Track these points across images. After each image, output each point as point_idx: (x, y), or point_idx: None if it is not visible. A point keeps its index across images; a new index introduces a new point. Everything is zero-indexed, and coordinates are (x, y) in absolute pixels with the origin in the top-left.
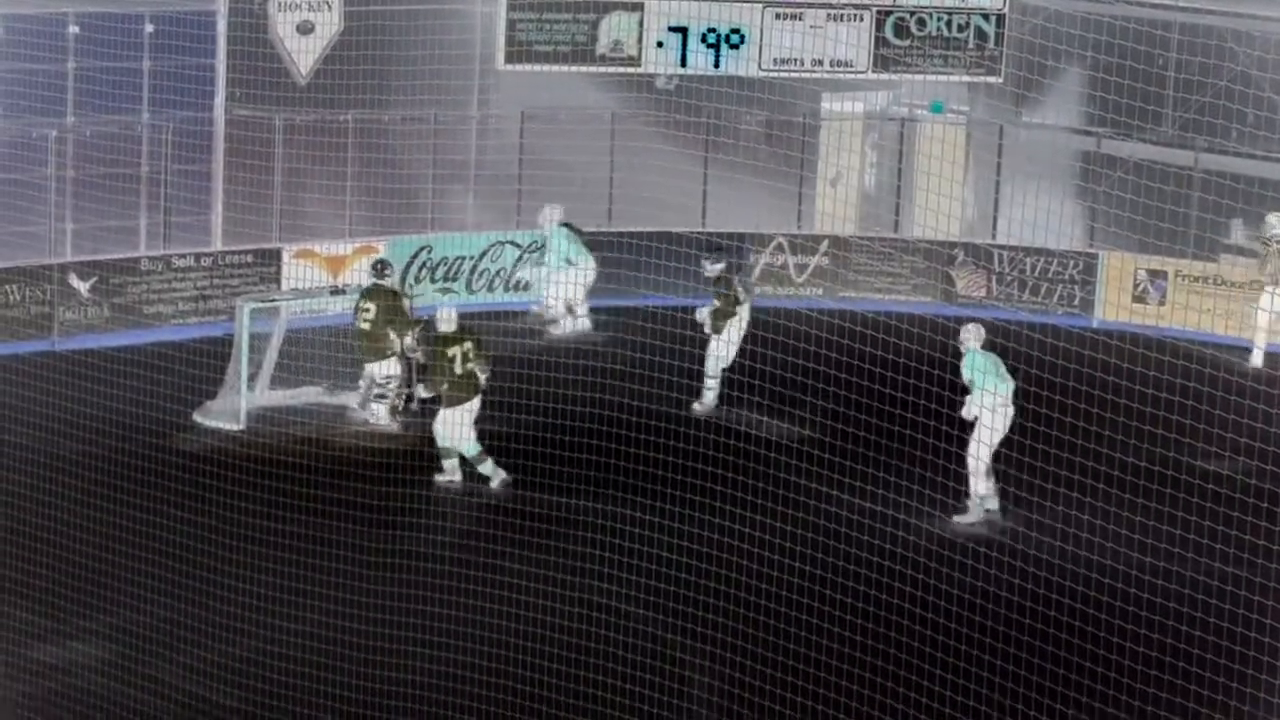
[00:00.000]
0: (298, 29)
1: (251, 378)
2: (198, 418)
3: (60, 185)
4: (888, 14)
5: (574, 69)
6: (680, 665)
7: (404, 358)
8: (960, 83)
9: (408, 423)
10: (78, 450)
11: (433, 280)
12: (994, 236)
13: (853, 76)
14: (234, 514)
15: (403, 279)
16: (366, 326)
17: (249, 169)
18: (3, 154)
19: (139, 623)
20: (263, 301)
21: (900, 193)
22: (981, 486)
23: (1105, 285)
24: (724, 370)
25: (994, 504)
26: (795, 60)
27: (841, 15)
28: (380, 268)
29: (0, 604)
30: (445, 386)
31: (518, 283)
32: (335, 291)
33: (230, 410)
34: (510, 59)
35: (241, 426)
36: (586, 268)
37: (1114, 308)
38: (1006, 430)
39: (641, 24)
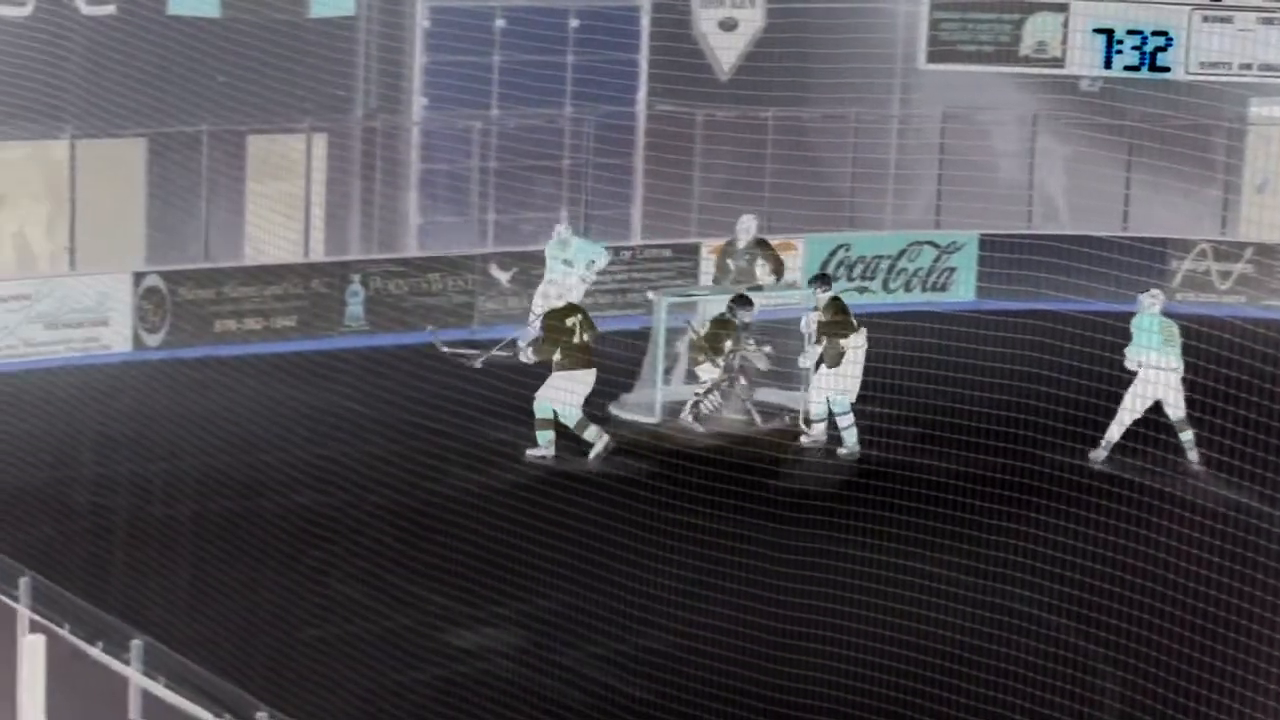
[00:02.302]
0: (720, 25)
1: (667, 371)
2: (614, 410)
3: (483, 176)
4: None
5: (997, 69)
6: (1089, 672)
7: (725, 370)
8: None
9: (709, 428)
10: (493, 438)
11: (849, 279)
12: None
13: None
14: (647, 505)
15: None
16: (694, 338)
17: (669, 163)
18: (429, 145)
19: (551, 610)
20: (680, 296)
21: None
22: (1116, 434)
23: None
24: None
25: (1194, 454)
26: (1223, 64)
27: (1272, 19)
28: (739, 303)
29: (418, 589)
30: (559, 354)
31: (935, 282)
32: (751, 289)
33: (646, 403)
34: (933, 59)
35: (657, 419)
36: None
37: None
38: (1167, 392)
39: (1066, 24)
